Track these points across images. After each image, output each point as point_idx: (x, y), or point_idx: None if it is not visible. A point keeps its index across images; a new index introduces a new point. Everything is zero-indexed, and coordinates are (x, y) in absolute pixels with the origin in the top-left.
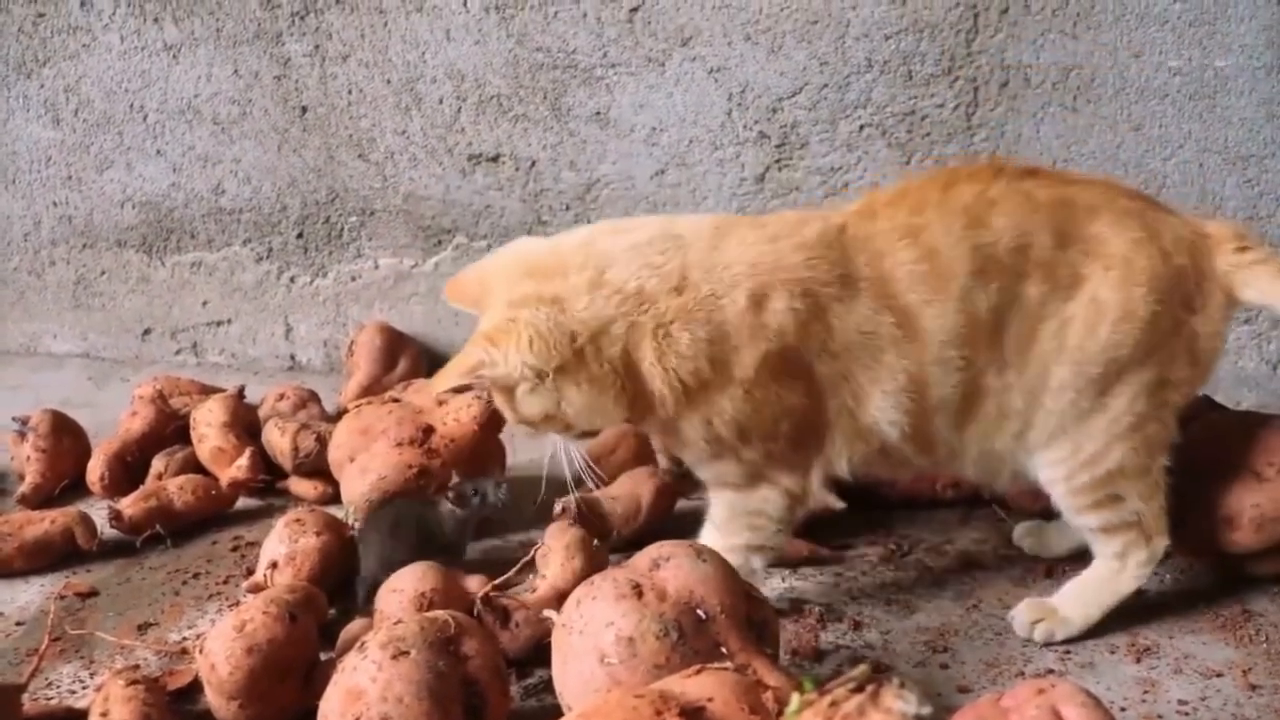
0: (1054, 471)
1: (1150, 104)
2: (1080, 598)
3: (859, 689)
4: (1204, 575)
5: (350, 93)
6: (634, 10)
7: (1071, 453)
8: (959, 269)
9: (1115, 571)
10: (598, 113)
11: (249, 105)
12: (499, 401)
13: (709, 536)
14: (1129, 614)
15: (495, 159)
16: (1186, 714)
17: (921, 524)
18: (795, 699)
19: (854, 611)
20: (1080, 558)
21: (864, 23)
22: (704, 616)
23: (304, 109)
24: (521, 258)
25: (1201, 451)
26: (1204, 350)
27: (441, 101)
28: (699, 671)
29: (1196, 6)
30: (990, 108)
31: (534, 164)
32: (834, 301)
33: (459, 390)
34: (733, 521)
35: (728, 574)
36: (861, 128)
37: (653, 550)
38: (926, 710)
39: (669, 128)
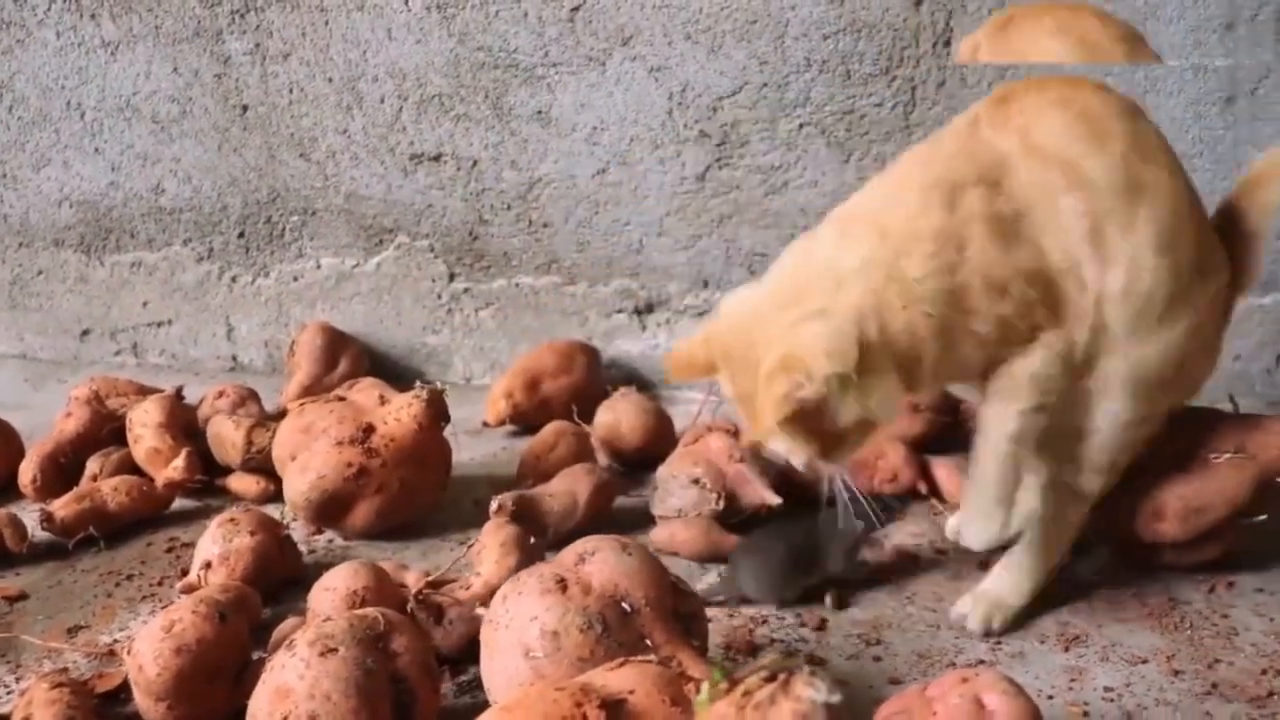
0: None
1: None
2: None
3: (771, 678)
4: (1133, 566)
5: (291, 91)
6: (575, 10)
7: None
8: (1118, 135)
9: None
10: (539, 112)
11: (189, 104)
12: (800, 442)
13: (992, 414)
14: (1060, 604)
15: (437, 158)
16: (1111, 700)
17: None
18: (705, 688)
19: (790, 606)
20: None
21: (803, 22)
22: (629, 609)
23: (245, 108)
24: (754, 299)
25: None
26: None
27: (383, 100)
28: (622, 664)
29: (1128, 7)
30: (928, 107)
31: (475, 163)
32: (1002, 173)
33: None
34: (1016, 387)
35: (654, 567)
36: (801, 126)
37: (579, 545)
38: (836, 698)
39: (610, 126)
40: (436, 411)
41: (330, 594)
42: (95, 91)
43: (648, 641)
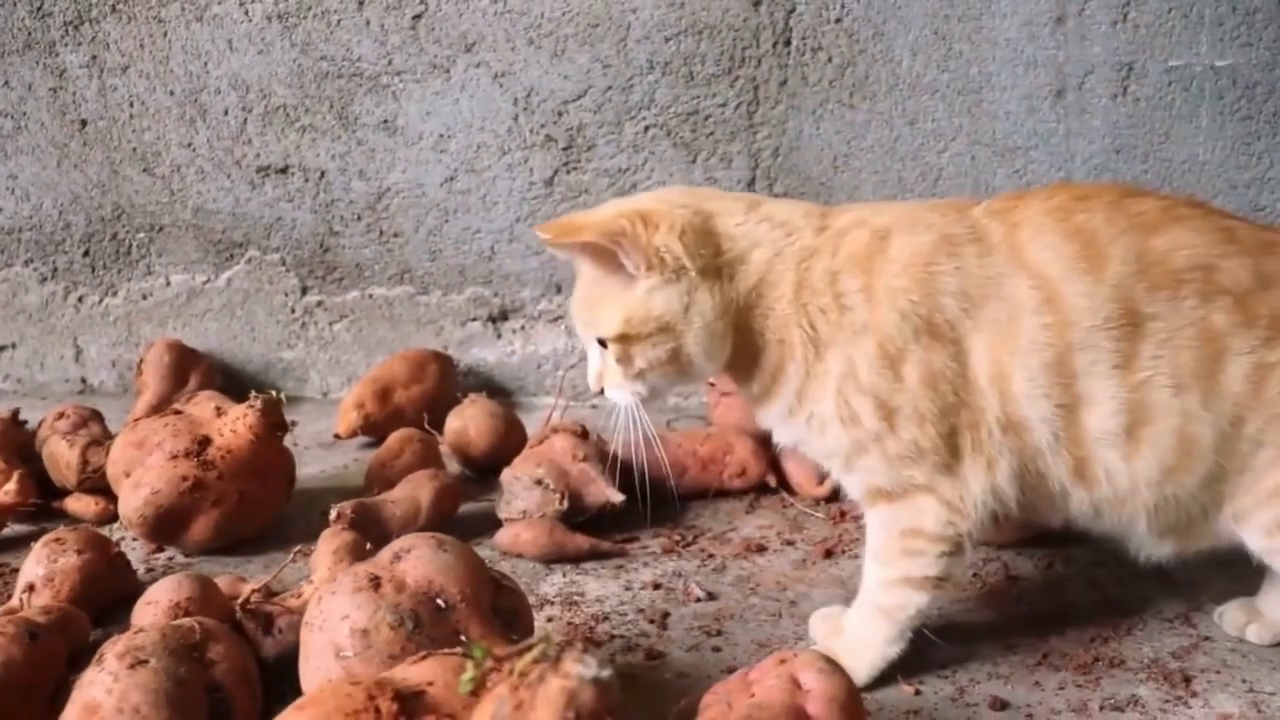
0: (1277, 541)
1: (923, 99)
2: None
3: (543, 657)
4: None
5: (132, 105)
6: (417, 18)
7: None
8: (1115, 257)
9: None
10: (385, 121)
11: (23, 118)
12: (599, 301)
13: (866, 573)
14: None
15: (284, 170)
16: (945, 676)
17: (709, 515)
18: (469, 668)
19: (634, 602)
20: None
21: (644, 25)
22: (444, 605)
23: (83, 122)
24: (668, 192)
25: None
26: None
27: (227, 113)
28: (424, 657)
29: (962, 4)
30: (771, 106)
31: (323, 174)
32: (968, 243)
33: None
34: (890, 548)
35: (471, 563)
36: (646, 128)
37: (396, 543)
38: (606, 673)
39: (456, 134)
40: (271, 421)
41: (153, 608)
42: None
43: (462, 637)
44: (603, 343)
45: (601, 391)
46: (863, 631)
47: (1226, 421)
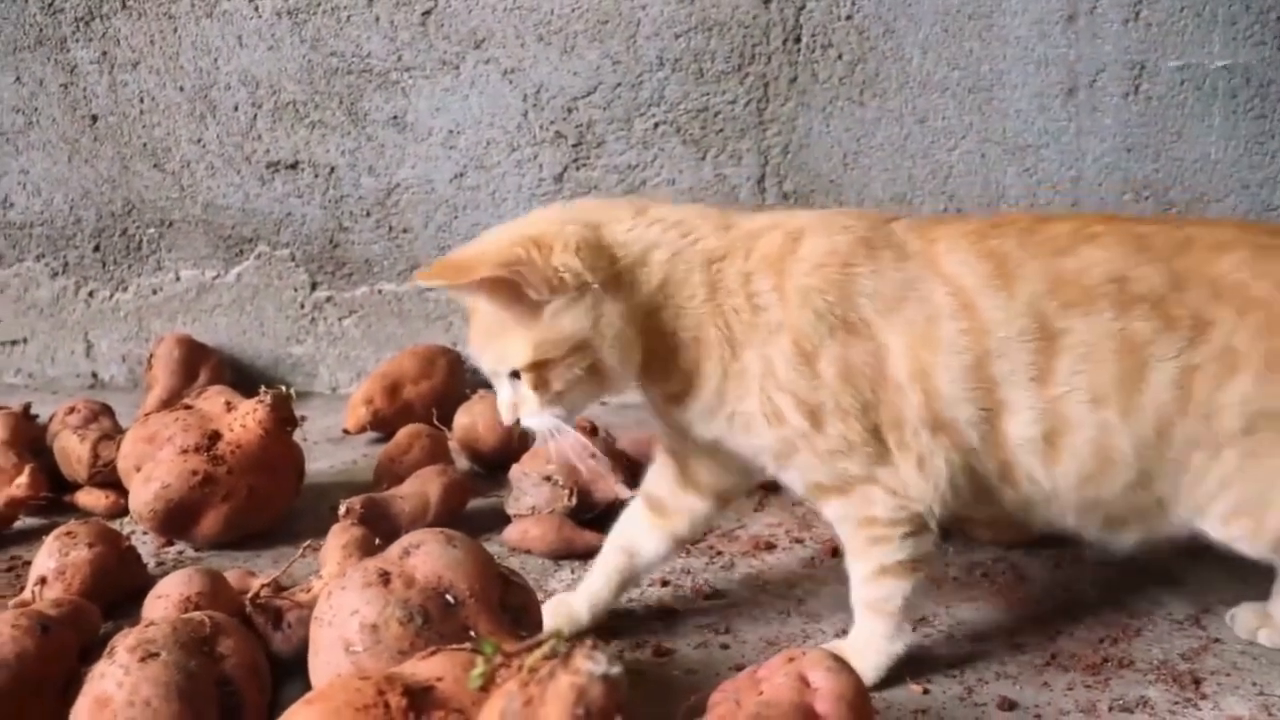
0: (1227, 530)
1: (933, 97)
2: None
3: (553, 654)
4: (981, 547)
5: (142, 101)
6: (426, 14)
7: (1253, 529)
8: (1028, 277)
9: None
10: (395, 117)
11: (35, 114)
12: (501, 333)
13: (850, 571)
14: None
15: (294, 166)
16: (953, 676)
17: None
18: (479, 663)
19: (642, 599)
20: None
21: (654, 21)
22: (453, 601)
23: (94, 118)
24: (546, 212)
25: None
26: None
27: (237, 109)
28: (434, 653)
29: (973, 2)
30: (781, 103)
31: (333, 170)
32: (883, 249)
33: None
34: (855, 541)
35: (480, 559)
36: (656, 125)
37: (406, 539)
38: (616, 670)
39: (466, 130)
40: (281, 416)
41: (163, 601)
42: None
43: (471, 633)
44: (515, 374)
45: (517, 423)
46: (862, 631)
47: (1150, 431)
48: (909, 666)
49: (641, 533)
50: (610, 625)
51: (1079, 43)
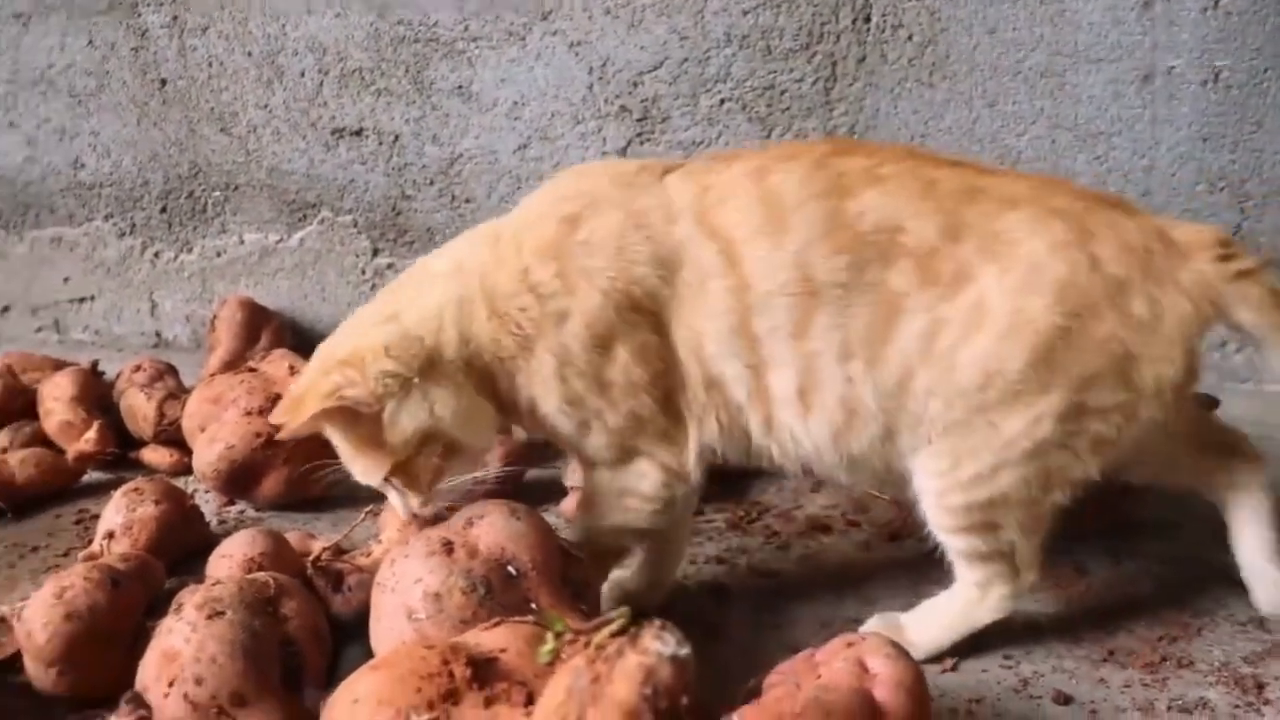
0: (927, 482)
1: (1004, 80)
2: (931, 622)
3: (620, 632)
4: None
5: (210, 65)
6: None
7: (949, 467)
8: (799, 225)
9: (973, 602)
10: (460, 87)
11: (106, 77)
12: (357, 449)
13: (579, 517)
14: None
15: (359, 133)
16: (1009, 666)
17: (774, 491)
18: (549, 640)
19: (697, 576)
20: None
21: None
22: (515, 573)
23: (163, 81)
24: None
25: None
26: (1147, 374)
27: (303, 74)
28: (497, 624)
29: None
30: (848, 83)
31: (397, 138)
32: (652, 212)
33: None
34: (600, 501)
35: (542, 532)
36: (722, 102)
37: (469, 509)
38: (684, 651)
39: (531, 102)
40: None
41: (227, 560)
42: (8, 64)
43: (532, 605)
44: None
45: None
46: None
47: (893, 383)
48: (963, 649)
49: None
50: (663, 603)
51: (1154, 30)
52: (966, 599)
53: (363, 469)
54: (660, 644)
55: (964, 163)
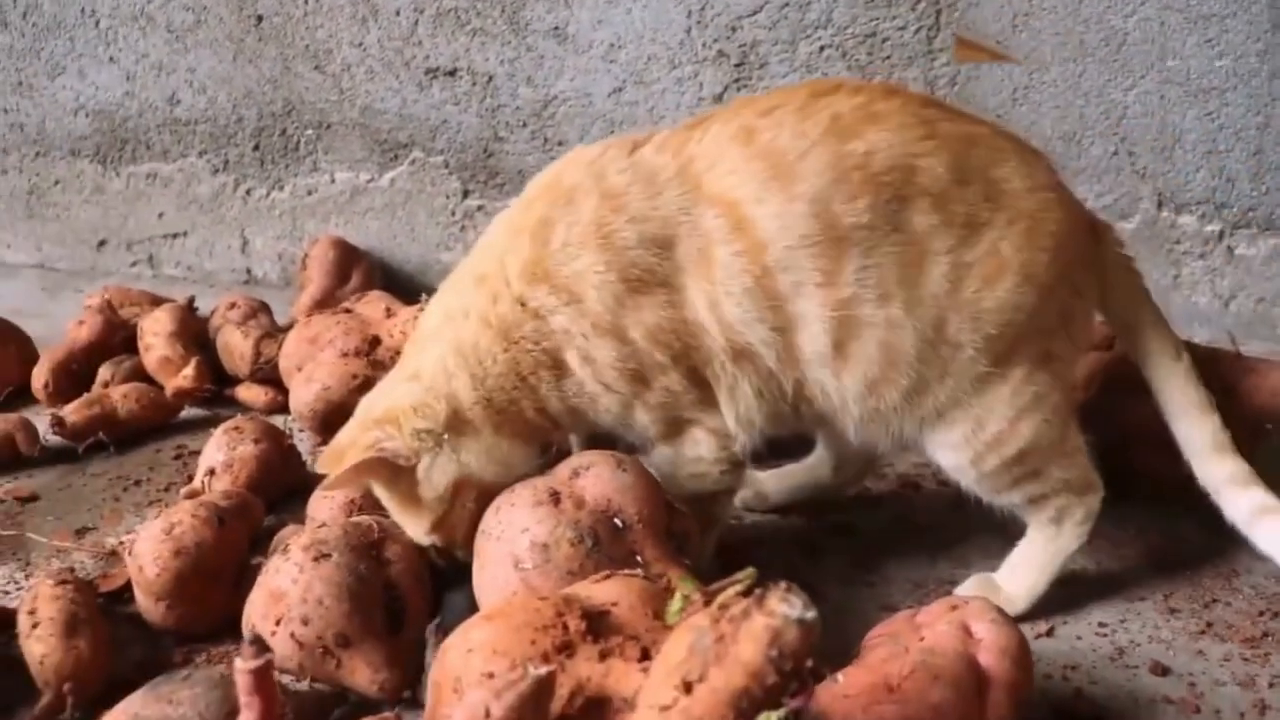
0: (958, 457)
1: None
2: (1023, 571)
3: (746, 592)
4: (1135, 503)
5: (306, 2)
6: None
7: (973, 432)
8: (807, 173)
9: (1053, 537)
10: (555, 28)
11: (203, 13)
12: (401, 507)
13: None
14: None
15: (452, 73)
16: (1104, 635)
17: None
18: (677, 599)
19: (789, 530)
20: None
21: None
22: (621, 525)
23: (259, 18)
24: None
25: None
26: (1078, 335)
27: (399, 13)
28: (607, 577)
29: None
30: (952, 31)
31: (491, 79)
32: (629, 190)
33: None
34: (670, 477)
35: (649, 484)
36: (821, 49)
37: (574, 459)
38: (811, 614)
39: (627, 45)
40: None
41: (329, 502)
42: None
43: (638, 558)
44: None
45: None
46: None
47: (929, 326)
48: (1058, 615)
49: None
50: (757, 558)
51: None
52: (1045, 536)
53: (409, 528)
54: (787, 606)
55: (946, 107)
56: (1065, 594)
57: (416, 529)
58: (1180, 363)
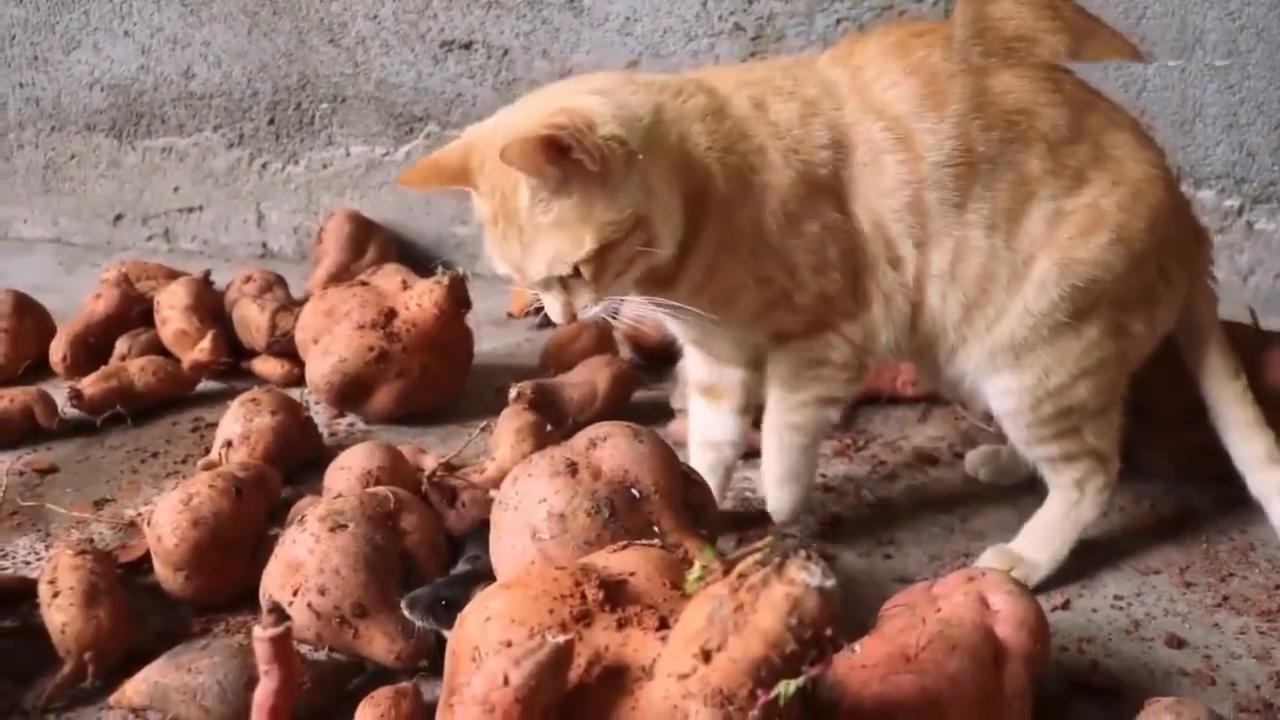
0: (1019, 401)
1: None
2: (1043, 537)
3: (766, 561)
4: (1150, 478)
5: None
6: None
7: (1040, 379)
8: (956, 96)
9: (1074, 503)
10: (571, 0)
11: None
12: (556, 223)
13: (774, 398)
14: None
15: (468, 46)
16: (1120, 608)
17: (880, 420)
18: (695, 568)
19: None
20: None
21: None
22: (638, 495)
23: None
24: (526, 100)
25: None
26: (1158, 321)
27: None
28: (625, 547)
29: None
30: None
31: (506, 52)
32: (823, 99)
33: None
34: (799, 375)
35: (665, 455)
36: (838, 21)
37: (591, 430)
38: (830, 582)
39: (643, 17)
40: (457, 297)
41: (345, 473)
42: None
43: (655, 528)
44: (574, 270)
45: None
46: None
47: (1021, 262)
48: (1073, 588)
49: (710, 423)
50: (774, 531)
51: None
52: (1066, 501)
53: (549, 258)
54: (807, 574)
55: (1072, 73)
56: (1081, 567)
57: (566, 254)
58: (1238, 382)
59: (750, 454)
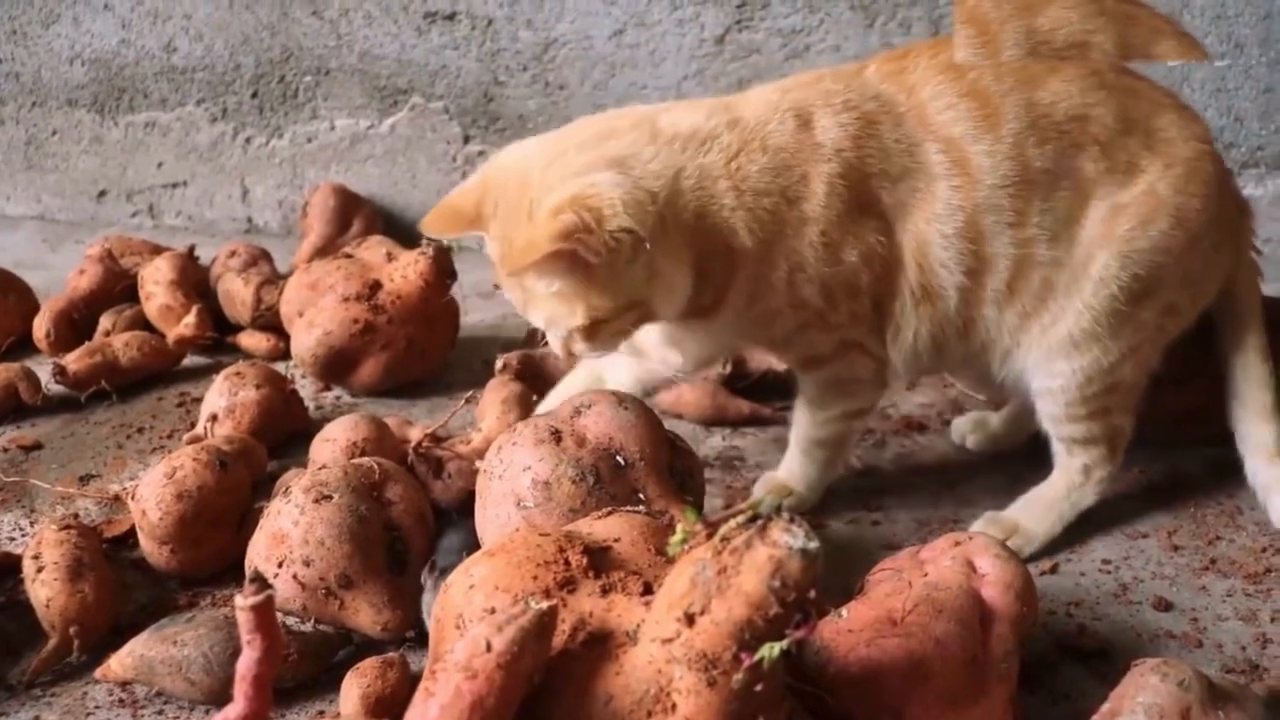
0: (1068, 380)
1: None
2: (1042, 512)
3: (749, 524)
4: (1139, 443)
5: None
6: None
7: (1095, 359)
8: (1009, 115)
9: (1077, 486)
10: None
11: None
12: (560, 298)
13: (802, 416)
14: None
15: (451, 17)
16: (1108, 572)
17: None
18: (679, 532)
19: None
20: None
21: None
22: (623, 463)
23: None
24: (544, 144)
25: None
26: (1202, 296)
27: None
28: (609, 514)
29: None
30: None
31: (490, 22)
32: (881, 116)
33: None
34: (827, 394)
35: (650, 422)
36: None
37: (576, 398)
38: (813, 544)
39: None
40: (443, 269)
41: (330, 445)
42: None
43: (640, 495)
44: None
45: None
46: (802, 463)
47: (1078, 264)
48: (1062, 552)
49: (630, 364)
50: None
51: None
52: (1070, 484)
53: (547, 318)
54: (790, 537)
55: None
56: (1069, 531)
57: (561, 320)
58: (1265, 366)
59: (738, 422)
